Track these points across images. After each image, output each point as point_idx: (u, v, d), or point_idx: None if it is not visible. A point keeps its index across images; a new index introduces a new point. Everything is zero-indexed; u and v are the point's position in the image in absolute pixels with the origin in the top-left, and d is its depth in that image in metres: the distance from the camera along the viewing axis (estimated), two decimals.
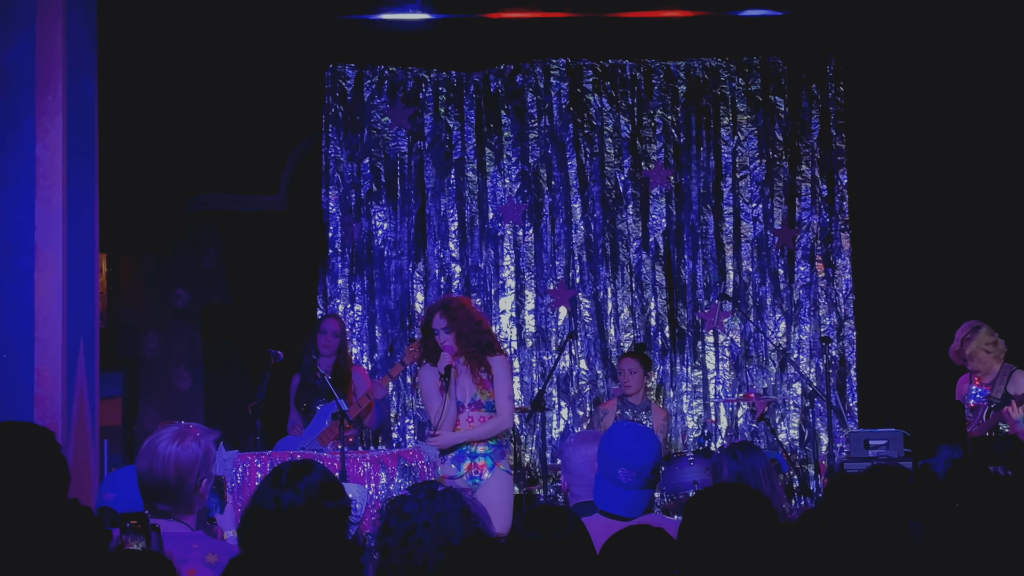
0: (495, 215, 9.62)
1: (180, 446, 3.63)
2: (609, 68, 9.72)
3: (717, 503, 2.93)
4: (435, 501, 3.22)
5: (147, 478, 3.64)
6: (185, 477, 3.63)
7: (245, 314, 9.10)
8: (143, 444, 3.72)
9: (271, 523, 3.00)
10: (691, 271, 9.62)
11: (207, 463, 3.69)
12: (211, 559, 3.33)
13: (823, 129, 9.67)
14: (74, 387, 6.00)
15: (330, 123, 9.58)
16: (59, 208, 5.87)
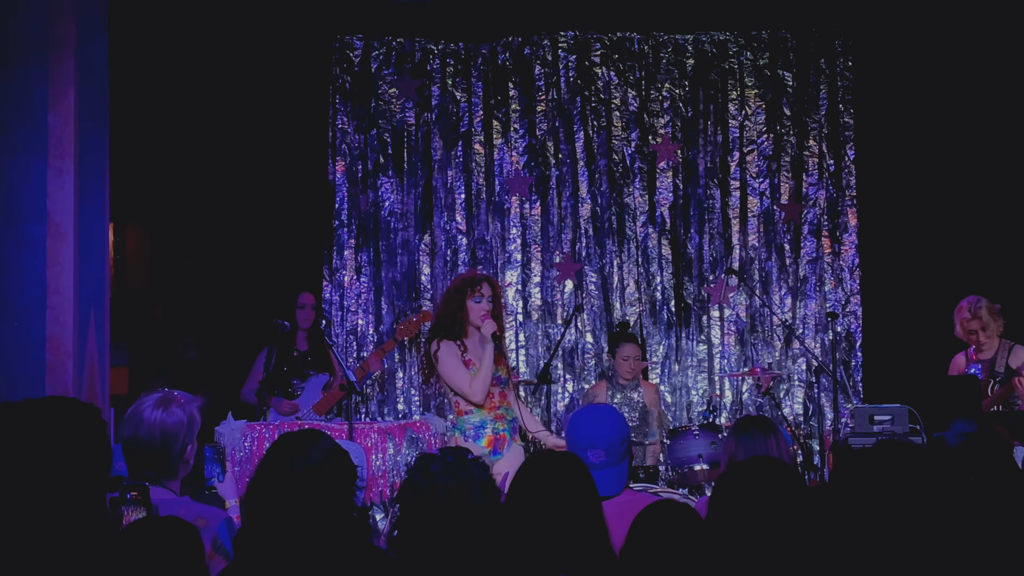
0: (502, 188, 9.62)
1: (165, 412, 3.66)
2: (617, 41, 9.70)
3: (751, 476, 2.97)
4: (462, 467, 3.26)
5: (132, 445, 3.67)
6: (170, 443, 3.66)
7: (253, 284, 9.10)
8: (127, 411, 3.75)
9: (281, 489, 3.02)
10: (697, 245, 9.63)
11: (191, 429, 3.73)
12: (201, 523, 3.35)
13: (831, 104, 9.66)
14: (85, 356, 6.02)
15: (337, 95, 9.57)
16: (71, 177, 5.87)
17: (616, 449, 4.07)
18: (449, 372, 6.30)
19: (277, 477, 3.06)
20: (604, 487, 3.99)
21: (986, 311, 7.50)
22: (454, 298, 6.39)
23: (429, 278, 9.52)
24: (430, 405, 9.30)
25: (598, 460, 4.03)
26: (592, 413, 4.28)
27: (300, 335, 8.56)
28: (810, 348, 9.38)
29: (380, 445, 6.96)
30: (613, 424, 4.14)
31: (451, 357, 6.30)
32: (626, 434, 4.13)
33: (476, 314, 6.33)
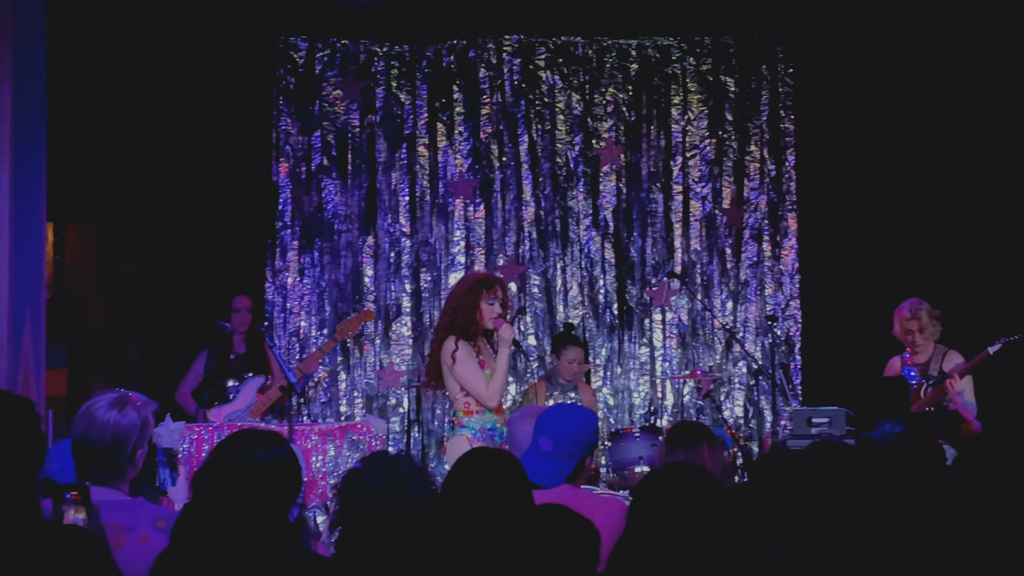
0: (446, 190, 9.63)
1: (120, 413, 3.63)
2: (561, 45, 9.74)
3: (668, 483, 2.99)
4: (391, 466, 3.27)
5: (82, 443, 3.64)
6: (122, 445, 3.63)
7: (195, 285, 9.04)
8: (80, 409, 3.72)
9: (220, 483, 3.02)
10: (640, 249, 9.68)
11: (144, 432, 3.69)
12: (160, 524, 3.34)
13: (772, 110, 9.75)
14: (19, 356, 5.97)
15: (281, 96, 9.54)
16: (6, 175, 5.82)
17: (564, 447, 4.11)
18: (467, 373, 6.13)
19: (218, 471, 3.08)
20: (540, 477, 4.03)
21: (926, 314, 7.61)
22: (468, 299, 6.24)
23: (373, 280, 9.52)
24: (372, 407, 9.31)
25: (546, 448, 4.10)
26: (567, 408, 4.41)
27: (237, 338, 8.55)
28: (750, 351, 9.46)
29: (321, 447, 6.96)
30: (576, 423, 4.19)
31: (470, 357, 6.15)
32: (583, 440, 4.16)
33: (489, 316, 6.20)
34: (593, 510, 3.93)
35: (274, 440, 3.12)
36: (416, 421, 9.44)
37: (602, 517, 3.96)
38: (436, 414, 9.41)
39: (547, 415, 4.26)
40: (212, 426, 7.02)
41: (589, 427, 4.22)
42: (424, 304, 9.53)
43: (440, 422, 9.39)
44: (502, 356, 6.15)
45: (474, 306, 6.20)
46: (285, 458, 3.10)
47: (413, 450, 9.33)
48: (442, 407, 9.38)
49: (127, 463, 3.66)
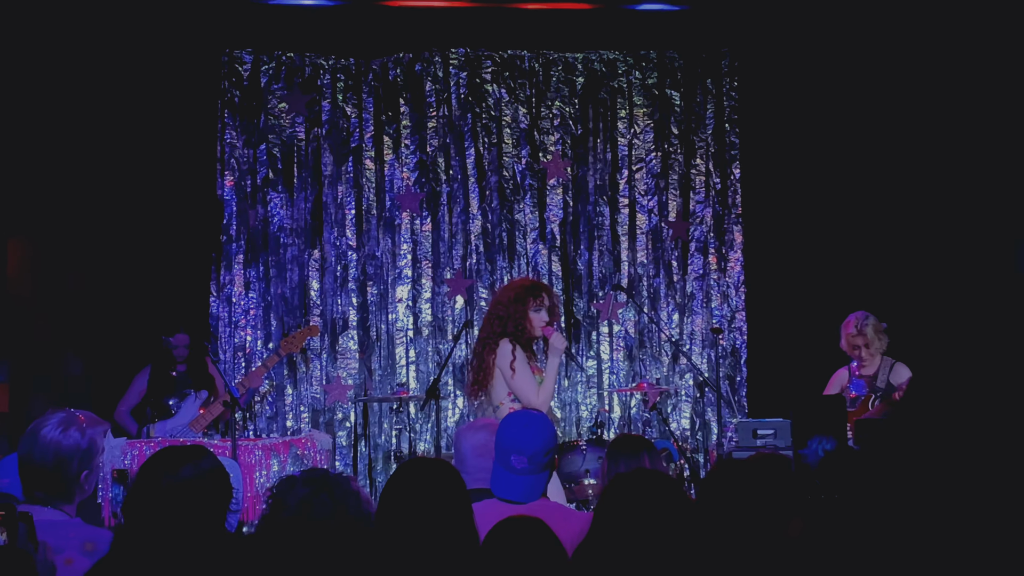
0: (392, 204, 9.61)
1: (63, 434, 3.59)
2: (508, 59, 9.76)
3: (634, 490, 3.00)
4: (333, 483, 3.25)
5: (27, 463, 3.60)
6: (64, 466, 3.58)
7: (138, 300, 8.96)
8: (28, 427, 3.67)
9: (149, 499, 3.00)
10: (587, 262, 9.71)
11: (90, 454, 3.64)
12: (88, 547, 3.31)
13: (717, 123, 9.82)
14: None
15: (226, 108, 9.49)
16: None
17: (539, 459, 4.09)
18: (521, 379, 6.12)
19: (147, 488, 3.05)
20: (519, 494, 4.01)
21: (872, 328, 7.66)
22: (516, 307, 6.25)
23: (319, 293, 9.48)
24: (319, 422, 9.26)
25: (520, 466, 4.06)
26: (527, 419, 4.28)
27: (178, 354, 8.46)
28: (696, 364, 9.50)
29: (264, 462, 6.90)
30: (543, 434, 4.15)
31: (524, 363, 6.15)
32: (552, 446, 4.15)
33: (538, 324, 6.23)
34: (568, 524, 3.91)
35: (199, 454, 3.09)
36: (363, 435, 9.39)
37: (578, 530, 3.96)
38: (383, 428, 9.38)
39: (511, 432, 4.19)
40: (154, 442, 6.94)
41: (553, 431, 4.22)
42: (371, 318, 9.50)
43: (387, 436, 9.36)
44: (552, 364, 6.14)
45: (523, 314, 6.21)
46: (212, 471, 3.08)
47: (360, 464, 9.29)
48: (389, 421, 9.34)
49: (72, 484, 3.61)
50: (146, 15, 8.89)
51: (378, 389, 9.37)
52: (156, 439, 7.23)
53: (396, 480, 3.53)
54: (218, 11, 9.14)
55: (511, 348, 6.13)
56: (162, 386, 8.21)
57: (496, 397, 6.16)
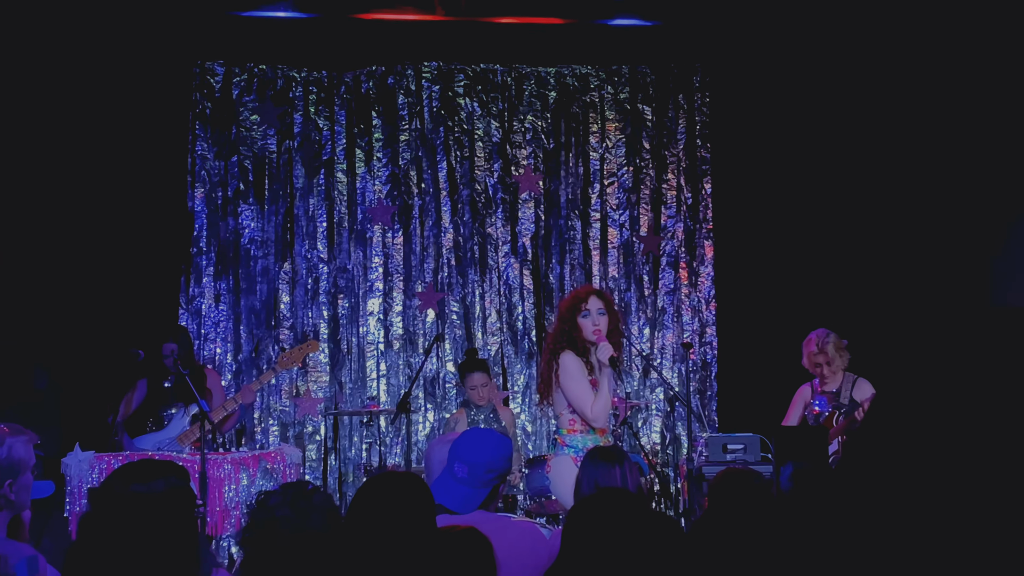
0: (364, 216, 9.59)
1: None
2: (480, 72, 9.77)
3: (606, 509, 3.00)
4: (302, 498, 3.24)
5: None
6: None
7: (107, 312, 8.89)
8: None
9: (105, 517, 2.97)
10: (559, 276, 9.72)
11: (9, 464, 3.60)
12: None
13: (689, 138, 9.85)
14: None
15: (197, 120, 9.46)
16: None
17: (479, 473, 4.10)
18: (574, 388, 6.00)
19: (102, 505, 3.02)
20: (454, 502, 4.02)
21: (832, 346, 7.69)
22: (566, 316, 6.16)
23: (289, 306, 9.45)
24: (288, 435, 9.22)
25: (461, 474, 4.09)
26: (482, 433, 4.32)
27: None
28: (667, 378, 9.51)
29: (234, 476, 6.86)
30: (490, 449, 4.17)
31: (579, 373, 6.02)
32: (498, 467, 4.15)
33: (588, 331, 6.09)
34: (505, 534, 3.94)
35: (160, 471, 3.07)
36: (333, 449, 9.36)
37: (513, 541, 3.97)
38: (353, 441, 9.35)
39: (461, 440, 4.24)
40: (122, 456, 6.89)
41: (503, 454, 4.20)
42: (342, 331, 9.47)
43: (357, 450, 9.33)
44: (604, 376, 6.03)
45: (572, 324, 6.11)
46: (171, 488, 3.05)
47: (330, 478, 9.25)
48: (360, 435, 9.32)
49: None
50: (118, 25, 8.85)
51: (348, 402, 9.34)
52: (125, 453, 7.16)
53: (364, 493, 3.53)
54: (190, 23, 9.11)
55: (568, 360, 6.05)
56: (157, 398, 8.07)
57: (558, 407, 6.13)
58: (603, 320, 6.12)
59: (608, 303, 6.21)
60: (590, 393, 6.01)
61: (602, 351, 6.03)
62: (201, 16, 9.11)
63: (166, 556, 2.99)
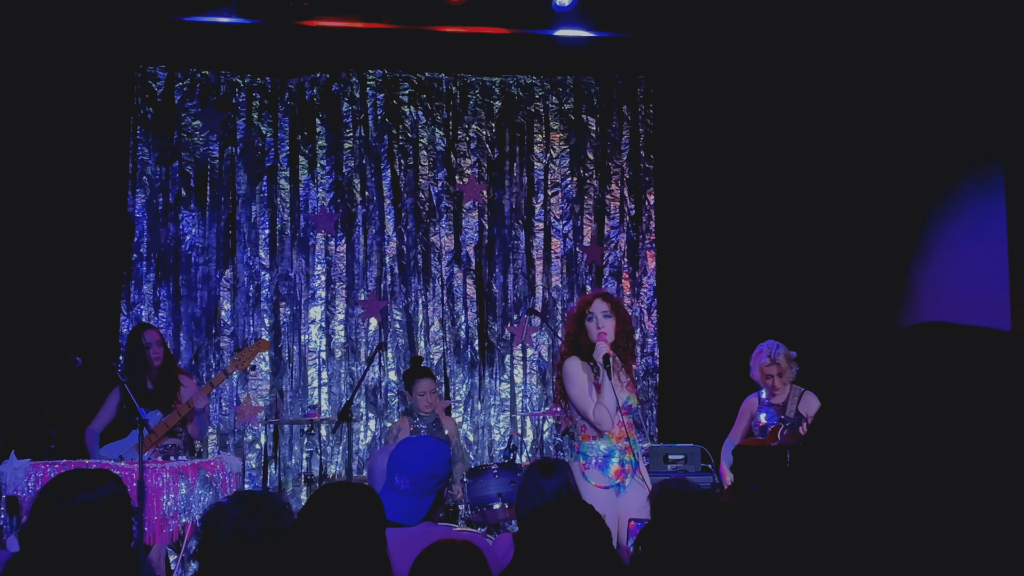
0: (307, 224, 9.54)
1: None
2: (425, 81, 9.76)
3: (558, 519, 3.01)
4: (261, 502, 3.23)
5: None
6: None
7: (45, 318, 8.78)
8: None
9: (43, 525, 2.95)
10: (502, 285, 9.73)
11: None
12: None
13: (632, 149, 9.91)
14: None
15: (138, 125, 9.37)
16: None
17: (421, 482, 4.07)
18: (575, 394, 5.93)
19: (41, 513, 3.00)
20: (399, 515, 4.00)
21: (783, 358, 7.71)
22: (572, 322, 6.10)
23: (230, 314, 9.37)
24: (227, 444, 9.14)
25: (403, 487, 4.06)
26: (418, 442, 4.30)
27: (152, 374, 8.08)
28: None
29: (172, 485, 6.79)
30: (429, 458, 4.14)
31: (579, 377, 5.94)
32: (438, 472, 4.13)
33: (593, 335, 5.97)
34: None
35: (97, 479, 3.05)
36: (273, 458, 9.30)
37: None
38: (293, 451, 9.29)
39: (398, 452, 4.21)
40: (59, 464, 6.79)
41: (442, 459, 4.19)
42: (283, 339, 9.41)
43: (298, 459, 9.27)
44: (603, 379, 5.95)
45: (579, 328, 6.04)
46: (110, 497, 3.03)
47: (270, 487, 9.18)
48: (300, 444, 9.26)
49: None
50: (59, 28, 8.75)
51: (289, 411, 9.28)
52: (62, 461, 7.06)
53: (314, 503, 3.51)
54: (132, 27, 9.02)
55: (570, 366, 5.99)
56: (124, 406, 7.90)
57: (572, 412, 6.10)
58: (608, 323, 6.06)
59: (615, 306, 6.14)
60: (590, 400, 5.94)
61: (596, 351, 5.95)
62: (143, 20, 9.02)
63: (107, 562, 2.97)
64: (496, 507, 7.61)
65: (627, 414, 6.03)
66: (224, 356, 9.21)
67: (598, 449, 5.94)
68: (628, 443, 6.00)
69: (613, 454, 5.94)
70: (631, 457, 5.99)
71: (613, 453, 5.94)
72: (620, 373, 6.05)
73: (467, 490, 7.81)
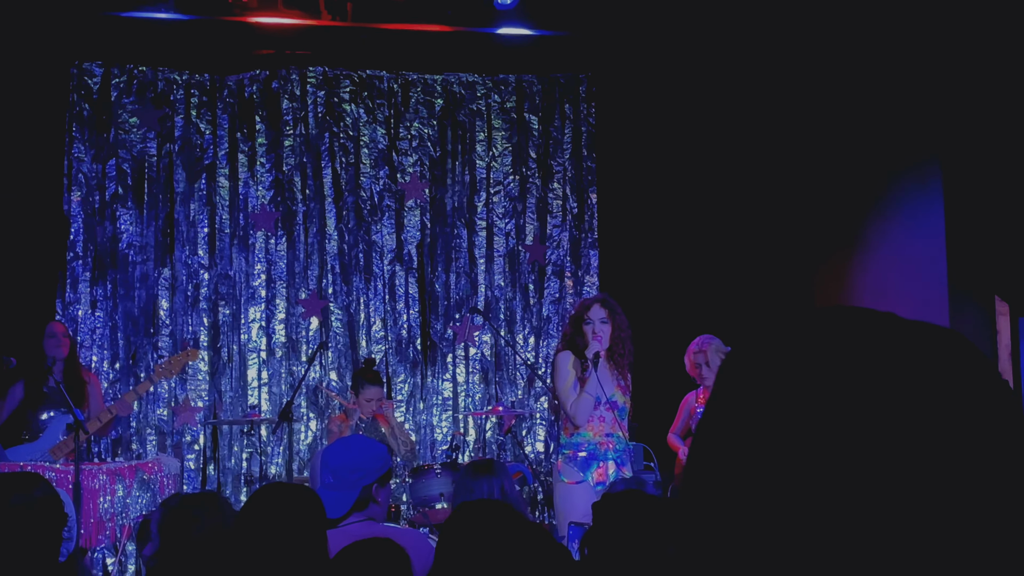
0: (247, 222, 9.44)
1: None
2: (367, 79, 9.69)
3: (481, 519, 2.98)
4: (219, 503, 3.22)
5: None
6: None
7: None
8: None
9: None
10: (444, 284, 9.68)
11: None
12: None
13: (575, 148, 9.90)
14: None
15: (74, 122, 9.21)
16: None
17: (343, 475, 4.10)
18: (559, 386, 6.25)
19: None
20: (328, 509, 4.02)
21: (713, 350, 7.77)
22: (571, 324, 6.38)
23: (169, 313, 9.25)
24: (165, 445, 9.01)
25: (327, 481, 4.12)
26: (346, 440, 4.42)
27: (58, 367, 7.90)
28: (551, 387, 9.51)
29: (109, 487, 6.71)
30: (348, 452, 4.20)
31: (565, 370, 6.23)
32: (362, 466, 4.13)
33: (589, 338, 6.25)
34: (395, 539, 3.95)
35: (29, 482, 2.99)
36: (213, 459, 9.19)
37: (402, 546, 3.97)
38: (233, 451, 9.19)
39: (327, 450, 4.30)
40: None
41: (368, 454, 4.21)
42: (222, 338, 9.30)
43: (237, 460, 9.17)
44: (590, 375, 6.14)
45: (576, 330, 6.33)
46: (43, 499, 2.97)
47: (209, 488, 9.07)
48: (240, 444, 9.17)
49: None
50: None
51: (229, 411, 9.17)
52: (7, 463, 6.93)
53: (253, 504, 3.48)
54: (67, 22, 8.87)
55: (559, 359, 6.31)
56: (33, 402, 7.73)
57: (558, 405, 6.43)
58: (604, 329, 6.36)
59: (612, 312, 6.37)
60: (573, 391, 6.18)
61: (589, 348, 6.24)
62: (78, 15, 8.88)
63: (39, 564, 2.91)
64: (439, 507, 7.57)
65: (610, 410, 6.19)
66: (162, 355, 9.09)
67: (576, 441, 6.20)
68: (610, 439, 6.14)
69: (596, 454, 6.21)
70: (612, 453, 6.17)
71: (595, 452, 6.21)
72: (610, 374, 6.22)
73: (409, 490, 7.77)
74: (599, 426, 6.27)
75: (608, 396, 6.30)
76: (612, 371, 6.40)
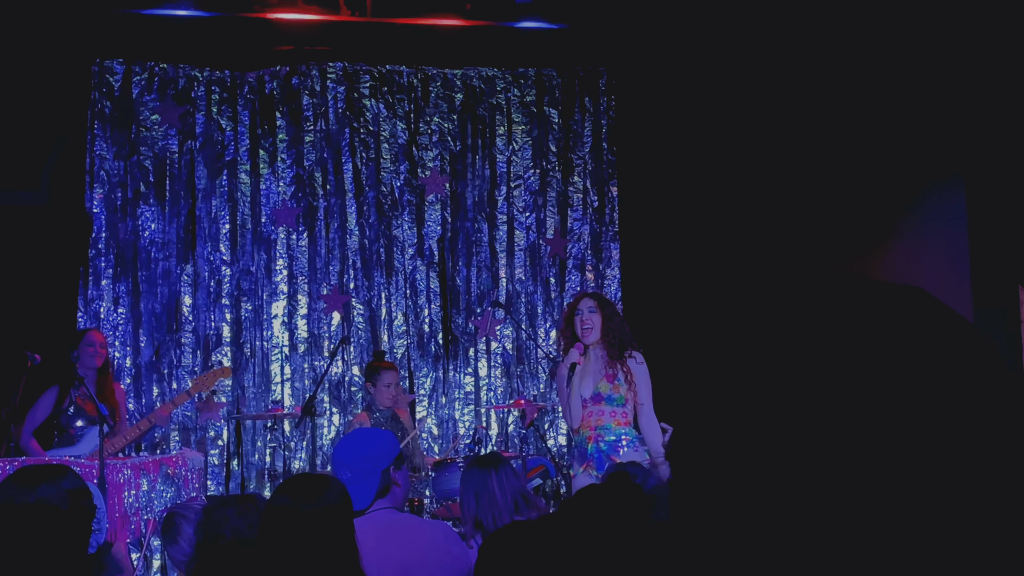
0: (268, 218, 9.46)
1: None
2: (386, 74, 9.70)
3: None
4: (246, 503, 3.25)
5: None
6: None
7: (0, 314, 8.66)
8: None
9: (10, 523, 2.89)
10: (465, 278, 9.68)
11: None
12: None
13: (595, 141, 9.89)
14: None
15: (96, 119, 9.25)
16: None
17: (358, 466, 4.11)
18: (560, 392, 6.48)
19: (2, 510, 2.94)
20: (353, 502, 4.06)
21: None
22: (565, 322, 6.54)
23: (191, 309, 9.27)
24: (190, 440, 9.05)
25: (344, 477, 4.09)
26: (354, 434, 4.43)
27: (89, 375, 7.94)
28: None
29: (134, 481, 6.73)
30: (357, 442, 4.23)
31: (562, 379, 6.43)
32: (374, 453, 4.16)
33: (579, 330, 6.38)
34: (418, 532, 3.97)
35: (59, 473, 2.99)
36: (236, 454, 9.22)
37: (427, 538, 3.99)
38: (256, 446, 9.21)
39: (337, 448, 4.30)
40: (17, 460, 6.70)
41: (376, 440, 4.24)
42: (244, 334, 9.33)
43: (261, 455, 9.20)
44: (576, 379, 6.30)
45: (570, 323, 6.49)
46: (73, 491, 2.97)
47: (232, 483, 9.11)
48: (263, 439, 9.19)
49: None
50: (13, 23, 8.63)
51: (251, 407, 9.19)
52: (21, 459, 6.97)
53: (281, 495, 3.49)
54: (88, 20, 8.90)
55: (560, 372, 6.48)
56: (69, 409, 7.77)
57: None
58: (594, 318, 6.47)
59: (601, 302, 6.57)
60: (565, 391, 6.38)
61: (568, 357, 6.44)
62: (100, 14, 8.91)
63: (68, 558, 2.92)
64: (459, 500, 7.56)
65: (596, 403, 6.24)
66: (185, 352, 9.13)
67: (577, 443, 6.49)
68: (599, 431, 6.18)
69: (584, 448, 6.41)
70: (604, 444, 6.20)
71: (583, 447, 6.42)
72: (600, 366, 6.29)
73: (432, 484, 7.77)
74: (588, 420, 6.44)
75: (593, 391, 6.43)
76: (604, 363, 6.48)
